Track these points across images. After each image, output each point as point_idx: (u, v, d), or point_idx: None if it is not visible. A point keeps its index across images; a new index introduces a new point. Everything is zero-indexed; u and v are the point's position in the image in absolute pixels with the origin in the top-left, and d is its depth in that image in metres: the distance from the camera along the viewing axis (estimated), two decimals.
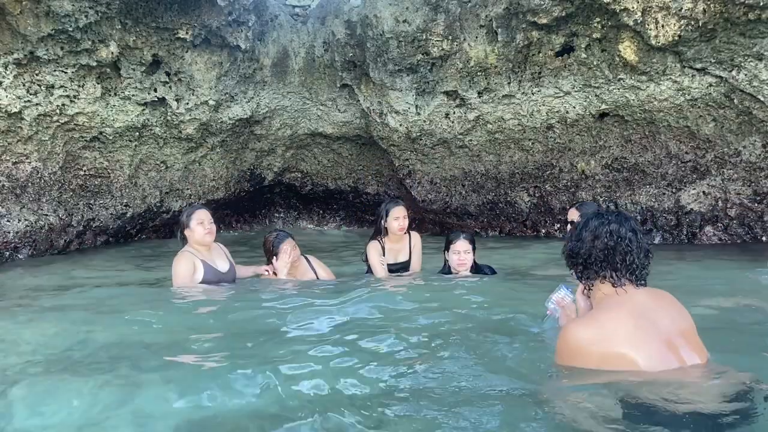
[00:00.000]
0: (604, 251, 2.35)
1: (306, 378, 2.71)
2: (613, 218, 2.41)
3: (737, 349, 2.92)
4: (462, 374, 2.69)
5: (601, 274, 2.36)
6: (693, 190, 7.48)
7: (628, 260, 2.34)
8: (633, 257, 2.34)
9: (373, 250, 5.25)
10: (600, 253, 2.36)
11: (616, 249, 2.34)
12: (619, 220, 2.40)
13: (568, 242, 2.51)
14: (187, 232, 4.53)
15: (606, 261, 2.35)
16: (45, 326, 3.93)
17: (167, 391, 2.61)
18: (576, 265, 2.45)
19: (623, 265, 2.34)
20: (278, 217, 11.45)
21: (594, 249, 2.37)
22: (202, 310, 4.21)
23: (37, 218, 7.61)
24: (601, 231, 2.38)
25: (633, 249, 2.34)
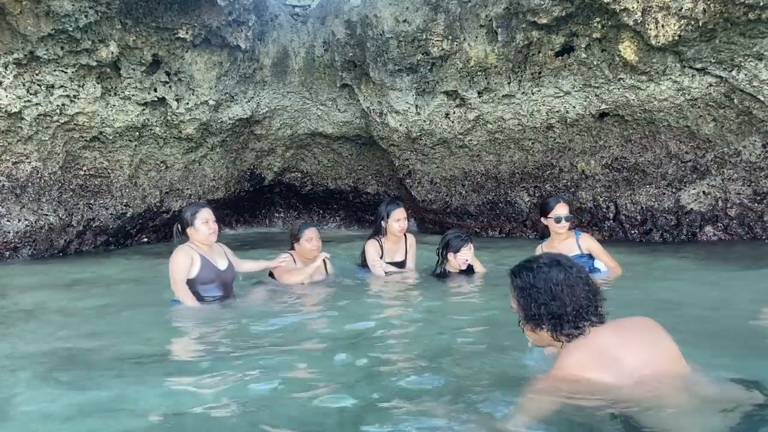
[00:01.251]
0: (587, 298, 2.24)
1: (304, 381, 2.71)
2: (564, 261, 2.30)
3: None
4: (462, 378, 2.69)
5: (592, 322, 2.23)
6: (693, 190, 7.48)
7: (599, 298, 2.27)
8: (599, 294, 2.28)
9: (372, 248, 5.36)
10: (584, 301, 2.23)
11: (591, 291, 2.25)
12: (564, 261, 2.30)
13: (536, 307, 2.29)
14: (190, 230, 4.48)
15: (591, 307, 2.23)
16: (44, 326, 3.94)
17: (166, 391, 2.61)
18: (566, 323, 2.24)
19: (601, 302, 2.26)
20: (278, 217, 11.45)
21: (578, 300, 2.23)
22: (201, 311, 4.21)
23: (37, 218, 7.62)
24: (573, 278, 2.25)
25: (594, 285, 2.28)
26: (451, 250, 5.07)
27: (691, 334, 2.96)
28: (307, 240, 5.05)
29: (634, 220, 7.94)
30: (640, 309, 3.93)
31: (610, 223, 8.15)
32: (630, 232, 7.98)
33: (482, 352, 3.06)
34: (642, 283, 4.88)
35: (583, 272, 2.29)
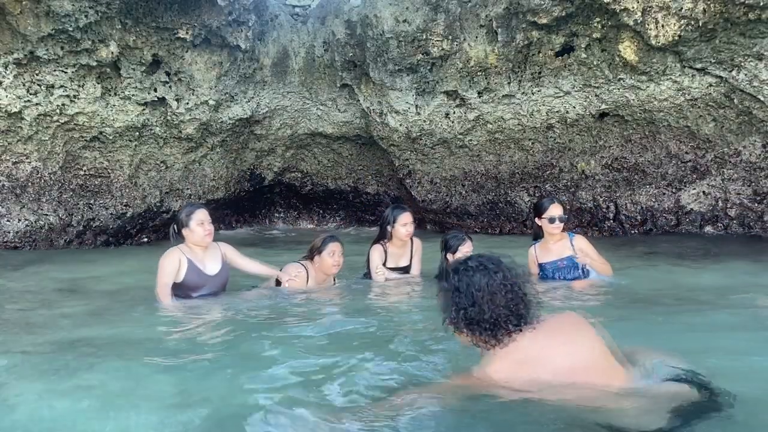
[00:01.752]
0: (507, 307, 2.19)
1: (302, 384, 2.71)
2: (492, 265, 2.25)
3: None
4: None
5: (511, 330, 2.18)
6: (693, 190, 7.48)
7: (528, 303, 2.23)
8: (529, 297, 2.24)
9: (376, 254, 5.26)
10: (504, 310, 2.18)
11: (513, 299, 2.20)
12: (497, 264, 2.26)
13: (455, 311, 2.25)
14: (185, 231, 4.44)
15: (511, 316, 2.19)
16: (43, 326, 3.93)
17: (165, 390, 2.61)
18: (483, 331, 2.21)
19: (525, 308, 2.21)
20: (278, 217, 11.44)
21: (497, 308, 2.19)
22: (199, 311, 4.21)
23: (37, 218, 7.62)
24: (495, 285, 2.21)
25: (525, 289, 2.25)
26: (450, 251, 5.01)
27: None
28: (330, 254, 4.72)
29: (634, 220, 7.94)
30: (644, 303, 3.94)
31: (610, 223, 8.15)
32: (630, 232, 7.98)
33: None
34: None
35: (510, 279, 2.23)
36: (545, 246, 5.11)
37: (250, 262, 4.80)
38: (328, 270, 4.80)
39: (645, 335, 3.32)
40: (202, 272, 4.44)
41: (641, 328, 3.54)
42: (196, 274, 4.40)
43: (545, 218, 4.96)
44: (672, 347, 2.81)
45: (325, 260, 4.74)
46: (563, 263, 5.02)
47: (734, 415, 2.01)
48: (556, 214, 4.93)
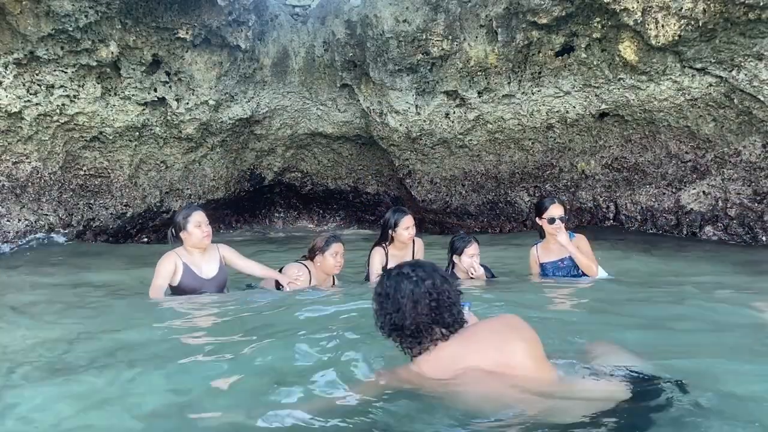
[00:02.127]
0: (430, 315, 2.20)
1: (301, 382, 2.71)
2: (422, 273, 2.25)
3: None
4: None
5: (435, 338, 2.21)
6: (693, 190, 7.48)
7: (455, 311, 2.23)
8: (457, 306, 2.25)
9: (377, 257, 5.27)
10: (425, 318, 2.19)
11: (438, 308, 2.20)
12: (428, 271, 2.26)
13: (381, 316, 2.28)
14: (183, 234, 4.45)
15: (437, 322, 2.20)
16: (42, 327, 3.93)
17: (164, 391, 2.61)
18: (404, 337, 2.24)
19: (451, 317, 2.22)
20: (278, 217, 11.45)
21: (419, 316, 2.19)
22: (199, 311, 4.21)
23: (37, 218, 7.62)
24: (419, 293, 2.21)
25: (454, 298, 2.25)
26: (456, 253, 5.02)
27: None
28: (333, 254, 4.72)
29: (634, 220, 7.94)
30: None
31: (610, 222, 8.15)
32: (630, 231, 7.98)
33: None
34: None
35: (439, 287, 2.23)
36: (546, 246, 5.12)
37: (249, 264, 4.77)
38: (329, 270, 4.80)
39: (631, 333, 3.35)
40: (198, 275, 4.45)
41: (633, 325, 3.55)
42: (191, 277, 4.41)
43: (545, 218, 4.97)
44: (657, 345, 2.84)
45: (328, 260, 4.73)
46: (564, 263, 5.02)
47: (707, 413, 2.04)
48: (556, 214, 4.93)
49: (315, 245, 4.82)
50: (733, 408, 2.21)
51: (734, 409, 2.19)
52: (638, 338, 3.16)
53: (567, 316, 3.87)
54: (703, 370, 2.58)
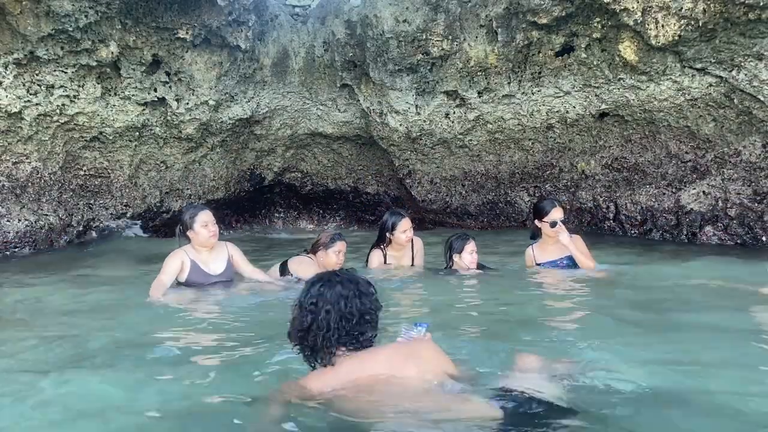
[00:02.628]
0: (336, 328, 2.21)
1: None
2: (340, 289, 2.26)
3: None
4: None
5: (335, 353, 2.21)
6: (693, 190, 7.48)
7: (362, 328, 2.23)
8: (367, 327, 2.24)
9: (375, 259, 5.32)
10: (330, 332, 2.21)
11: (350, 322, 2.21)
12: (348, 287, 2.26)
13: (292, 322, 2.31)
14: (190, 233, 4.52)
15: (337, 338, 2.20)
16: (42, 328, 3.94)
17: (164, 392, 2.61)
18: (305, 348, 2.26)
19: (359, 334, 2.22)
20: (278, 217, 11.43)
21: (323, 330, 2.21)
22: (199, 309, 4.21)
23: (37, 218, 7.62)
24: (329, 304, 2.22)
25: (368, 318, 2.24)
26: (455, 252, 5.10)
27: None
28: (336, 252, 4.87)
29: (634, 220, 7.94)
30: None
31: (610, 223, 8.15)
32: (630, 232, 7.98)
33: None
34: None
35: (348, 301, 2.22)
36: (543, 246, 5.15)
37: (253, 270, 4.86)
38: (330, 267, 4.82)
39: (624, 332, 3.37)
40: (206, 272, 4.52)
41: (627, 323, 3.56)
42: (199, 273, 4.48)
43: (546, 222, 4.98)
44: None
45: (330, 257, 4.85)
46: (563, 263, 5.04)
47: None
48: (557, 217, 4.95)
49: (319, 240, 4.96)
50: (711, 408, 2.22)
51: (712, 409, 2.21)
52: (629, 339, 3.17)
53: (559, 317, 3.88)
54: (693, 374, 2.59)
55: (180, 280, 4.50)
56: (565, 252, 5.00)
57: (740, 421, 2.20)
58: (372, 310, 2.28)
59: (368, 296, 2.28)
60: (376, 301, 2.31)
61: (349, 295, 2.25)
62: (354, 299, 2.25)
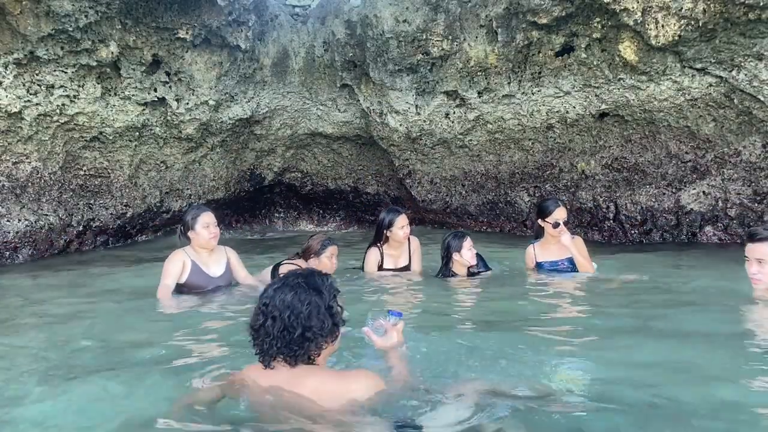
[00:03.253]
0: (276, 337, 2.21)
1: None
2: (289, 296, 2.22)
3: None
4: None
5: (273, 357, 2.22)
6: (693, 190, 7.48)
7: (296, 343, 2.20)
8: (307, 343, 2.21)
9: (372, 258, 5.30)
10: (269, 338, 2.22)
11: (289, 333, 2.19)
12: (303, 296, 2.22)
13: (251, 317, 2.31)
14: (191, 234, 4.53)
15: (274, 346, 2.21)
16: (42, 329, 3.93)
17: (164, 394, 2.61)
18: (253, 344, 2.27)
19: (296, 347, 2.20)
20: (278, 217, 11.44)
21: (264, 334, 2.22)
22: (198, 312, 4.21)
23: (37, 218, 7.62)
24: (285, 311, 2.21)
25: (314, 330, 2.20)
26: (454, 250, 5.10)
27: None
28: (329, 257, 4.86)
29: (634, 220, 7.94)
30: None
31: (610, 223, 8.15)
32: (630, 232, 7.98)
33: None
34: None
35: (295, 313, 2.20)
36: (545, 245, 5.14)
37: (247, 276, 4.87)
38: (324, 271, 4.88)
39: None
40: (206, 274, 4.52)
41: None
42: (199, 275, 4.48)
43: (549, 222, 4.98)
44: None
45: (324, 263, 4.81)
46: (564, 264, 5.03)
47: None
48: (560, 218, 4.95)
49: (310, 248, 4.91)
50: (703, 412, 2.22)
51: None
52: (624, 344, 3.16)
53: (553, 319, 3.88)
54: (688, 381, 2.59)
55: (179, 282, 4.48)
56: (567, 253, 5.00)
57: (740, 421, 2.20)
58: (313, 328, 2.19)
59: (318, 313, 2.21)
60: (325, 320, 2.22)
61: (298, 306, 2.20)
62: (301, 312, 2.19)
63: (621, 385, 2.51)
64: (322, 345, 2.23)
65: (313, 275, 2.30)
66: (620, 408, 2.26)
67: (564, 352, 3.05)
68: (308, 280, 2.26)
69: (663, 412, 2.28)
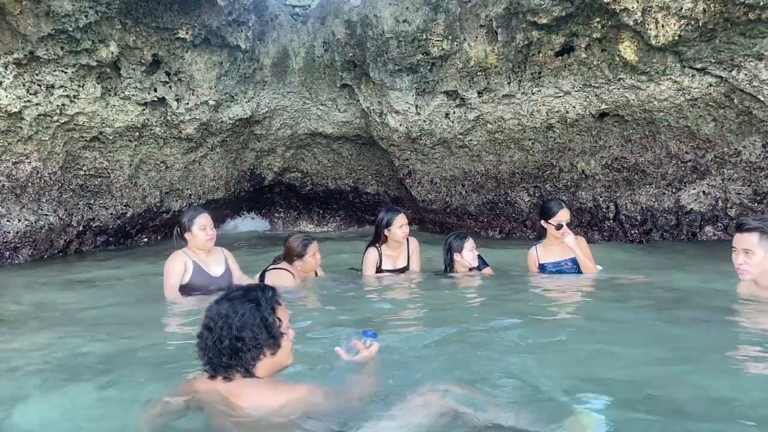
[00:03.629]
0: (204, 347, 2.24)
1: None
2: (226, 309, 2.24)
3: None
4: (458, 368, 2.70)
5: (211, 371, 2.24)
6: (693, 190, 7.48)
7: (230, 359, 2.21)
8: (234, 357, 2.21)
9: (370, 257, 5.29)
10: (204, 349, 2.24)
11: (226, 345, 2.19)
12: (235, 309, 2.22)
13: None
14: (187, 235, 4.56)
15: (210, 358, 2.23)
16: (43, 331, 3.93)
17: (166, 389, 2.61)
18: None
19: (233, 360, 2.21)
20: (278, 217, 11.45)
21: (205, 342, 2.24)
22: (200, 313, 4.22)
23: (37, 218, 7.62)
24: (211, 320, 2.23)
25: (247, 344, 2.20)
26: (455, 251, 5.11)
27: None
28: (312, 255, 4.88)
29: (634, 220, 7.94)
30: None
31: (610, 223, 8.15)
32: (630, 232, 7.98)
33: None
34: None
35: (226, 321, 2.20)
36: (548, 247, 5.12)
37: (241, 276, 4.89)
38: (311, 270, 4.98)
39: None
40: (208, 274, 4.55)
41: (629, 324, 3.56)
42: (201, 275, 4.50)
43: (552, 223, 4.97)
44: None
45: (309, 262, 4.89)
46: (567, 265, 5.02)
47: None
48: (563, 219, 4.93)
49: (292, 250, 4.92)
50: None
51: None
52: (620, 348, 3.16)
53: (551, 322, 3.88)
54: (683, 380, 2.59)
55: (182, 282, 4.49)
56: (570, 254, 4.99)
57: (739, 423, 2.20)
58: (245, 339, 2.19)
59: (252, 324, 2.20)
60: (259, 332, 2.20)
61: (231, 317, 2.20)
62: (233, 323, 2.19)
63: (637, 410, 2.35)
64: (258, 356, 2.20)
65: (256, 288, 2.30)
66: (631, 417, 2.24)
67: (570, 372, 2.75)
68: (248, 293, 2.27)
69: (661, 408, 2.28)
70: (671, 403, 2.35)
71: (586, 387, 2.49)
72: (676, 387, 2.50)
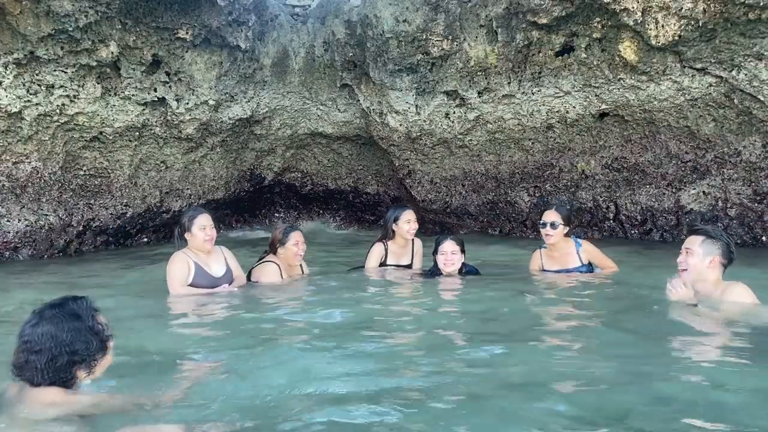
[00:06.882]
0: (16, 355, 2.25)
1: (305, 378, 2.72)
2: (39, 319, 2.25)
3: None
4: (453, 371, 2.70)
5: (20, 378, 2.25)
6: (693, 190, 7.48)
7: (41, 369, 2.22)
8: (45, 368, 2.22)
9: (375, 252, 5.37)
10: (19, 354, 2.25)
11: (39, 355, 2.20)
12: (53, 320, 2.23)
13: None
14: (187, 235, 4.60)
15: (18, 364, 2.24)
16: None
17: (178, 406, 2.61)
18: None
19: (30, 372, 2.23)
20: (278, 217, 11.44)
21: (18, 351, 2.24)
22: (199, 314, 4.22)
23: (37, 218, 7.62)
24: (26, 333, 2.24)
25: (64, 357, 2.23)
26: (434, 252, 5.08)
27: None
28: (294, 243, 4.92)
29: (634, 220, 7.94)
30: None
31: (610, 223, 8.15)
32: (630, 232, 7.98)
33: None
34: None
35: (56, 340, 2.21)
36: (550, 253, 5.04)
37: (242, 275, 4.95)
38: (292, 260, 4.98)
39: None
40: (210, 274, 4.59)
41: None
42: (203, 276, 4.54)
43: (539, 223, 4.96)
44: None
45: (290, 251, 4.92)
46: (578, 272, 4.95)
47: None
48: (547, 219, 4.87)
49: (275, 239, 4.99)
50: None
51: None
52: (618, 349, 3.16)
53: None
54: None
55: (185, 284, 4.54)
56: (573, 262, 4.89)
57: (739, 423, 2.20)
58: (79, 351, 2.24)
59: (82, 337, 2.25)
60: (90, 341, 2.27)
61: (60, 335, 2.23)
62: (64, 340, 2.23)
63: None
64: (93, 364, 2.30)
65: (67, 302, 2.32)
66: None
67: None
68: (64, 309, 2.29)
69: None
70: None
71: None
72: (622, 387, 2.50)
